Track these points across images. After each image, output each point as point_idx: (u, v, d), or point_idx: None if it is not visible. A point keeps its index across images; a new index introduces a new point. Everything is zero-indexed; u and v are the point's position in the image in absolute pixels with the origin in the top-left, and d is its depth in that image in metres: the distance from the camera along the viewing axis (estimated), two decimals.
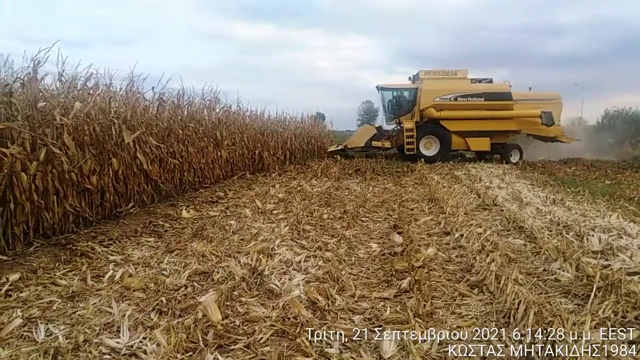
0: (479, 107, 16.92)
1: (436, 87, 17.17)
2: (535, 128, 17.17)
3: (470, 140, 17.36)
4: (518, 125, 17.29)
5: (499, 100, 16.90)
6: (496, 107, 16.86)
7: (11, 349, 2.79)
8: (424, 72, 17.78)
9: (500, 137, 17.62)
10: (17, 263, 4.53)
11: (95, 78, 7.08)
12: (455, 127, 17.18)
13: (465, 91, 17.08)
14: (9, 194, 4.86)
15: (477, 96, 16.99)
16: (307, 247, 5.17)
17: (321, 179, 11.98)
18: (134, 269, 4.33)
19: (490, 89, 17.36)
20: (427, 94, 17.19)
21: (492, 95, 16.99)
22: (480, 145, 17.53)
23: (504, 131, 17.43)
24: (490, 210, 7.37)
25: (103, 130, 6.56)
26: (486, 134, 17.27)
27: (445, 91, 17.05)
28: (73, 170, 5.74)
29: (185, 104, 9.93)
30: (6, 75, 5.78)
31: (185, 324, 3.05)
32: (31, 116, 5.38)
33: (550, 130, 17.26)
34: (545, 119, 16.65)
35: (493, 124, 17.03)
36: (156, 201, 7.99)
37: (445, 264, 4.66)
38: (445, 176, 12.63)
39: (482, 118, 16.85)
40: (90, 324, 3.13)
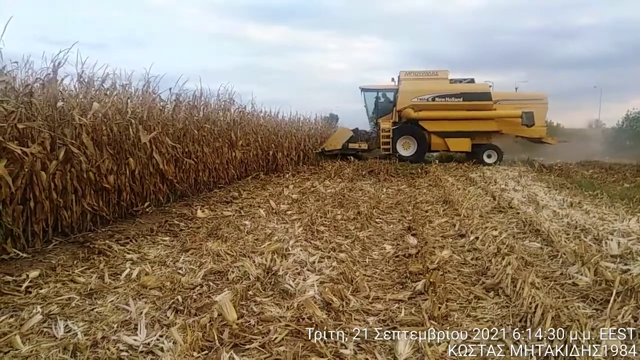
0: (457, 107, 16.75)
1: (414, 88, 17.14)
2: (516, 129, 16.96)
3: (449, 140, 17.18)
4: (499, 126, 17.06)
5: (478, 101, 16.71)
6: (475, 107, 16.66)
7: (32, 344, 2.84)
8: (405, 73, 17.72)
9: (482, 138, 17.40)
10: (37, 260, 4.61)
11: (112, 79, 7.21)
12: (434, 127, 17.09)
13: (443, 91, 16.93)
14: (29, 193, 4.96)
15: (456, 96, 16.82)
16: (321, 247, 5.18)
17: (335, 180, 11.98)
18: (150, 268, 4.38)
19: (468, 89, 17.20)
20: (405, 95, 17.16)
21: (471, 96, 16.81)
22: (459, 146, 17.35)
23: (485, 132, 17.26)
24: (506, 213, 7.30)
25: (120, 131, 6.66)
26: (466, 135, 17.10)
27: (423, 92, 16.96)
28: (91, 169, 5.83)
29: (201, 104, 10.03)
30: (27, 76, 5.90)
31: (201, 322, 3.07)
32: (51, 116, 5.48)
33: (534, 131, 16.99)
34: (526, 120, 16.44)
35: (472, 124, 16.86)
36: (172, 201, 8.08)
37: (460, 267, 4.63)
38: (459, 178, 12.54)
39: (461, 118, 16.73)
40: (108, 321, 3.17)
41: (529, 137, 17.44)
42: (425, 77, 17.50)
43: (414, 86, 17.16)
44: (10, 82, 5.26)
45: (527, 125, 16.50)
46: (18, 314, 3.28)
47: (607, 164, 17.52)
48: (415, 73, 17.68)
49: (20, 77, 5.71)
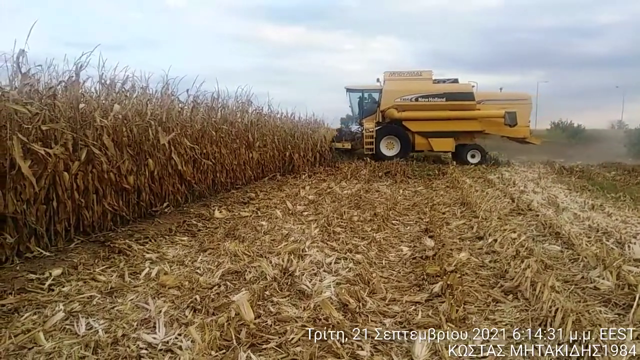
0: (440, 107, 16.70)
1: (397, 88, 17.17)
2: (499, 129, 16.93)
3: (433, 140, 17.16)
4: (482, 126, 17.02)
5: (461, 101, 16.68)
6: (458, 107, 16.60)
7: (55, 340, 2.91)
8: (389, 74, 17.75)
9: (466, 138, 17.45)
10: (59, 259, 4.71)
11: (132, 81, 7.33)
12: (417, 127, 17.08)
13: (425, 92, 16.93)
14: (52, 193, 5.07)
15: (438, 96, 16.79)
16: (338, 249, 5.18)
17: (351, 181, 11.97)
18: (169, 267, 4.44)
19: (451, 89, 17.17)
20: (388, 95, 17.17)
21: (453, 96, 16.75)
22: (443, 146, 17.38)
23: (469, 132, 17.26)
24: (525, 215, 7.20)
25: (140, 132, 6.76)
26: (449, 135, 17.05)
27: (406, 92, 16.96)
28: (112, 170, 5.94)
29: (218, 106, 10.13)
30: (50, 78, 6.03)
31: (218, 322, 3.11)
32: (73, 118, 5.59)
33: (518, 131, 16.93)
34: (509, 120, 16.38)
35: (455, 124, 16.81)
36: (190, 201, 8.17)
37: (478, 269, 4.58)
38: (477, 180, 12.41)
39: (444, 118, 16.72)
40: (128, 319, 3.23)
41: (513, 137, 17.46)
42: (409, 78, 17.60)
43: (398, 86, 17.25)
44: (35, 85, 5.39)
45: (510, 125, 16.48)
46: (41, 311, 3.36)
47: (630, 165, 17.14)
48: (399, 73, 17.77)
49: (43, 80, 5.84)
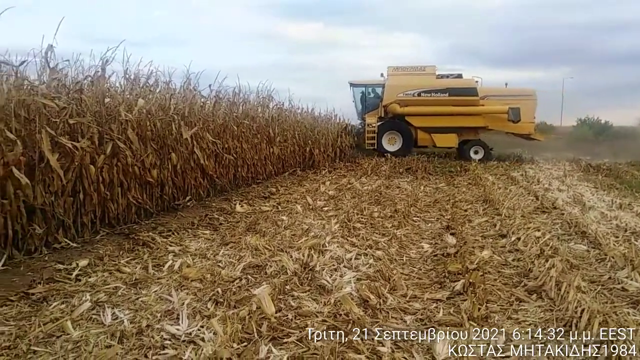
0: (443, 102, 16.47)
1: (400, 83, 16.98)
2: (503, 124, 16.59)
3: (435, 136, 16.99)
4: (485, 122, 16.72)
5: (464, 96, 16.44)
6: (461, 102, 16.39)
7: (82, 329, 2.98)
8: (392, 69, 17.54)
9: (470, 134, 17.21)
10: (86, 250, 4.83)
11: (155, 76, 7.43)
12: (420, 122, 16.90)
13: (428, 87, 16.69)
14: (78, 185, 5.19)
15: (441, 92, 16.56)
16: (358, 244, 5.17)
17: (371, 177, 11.92)
18: (191, 260, 4.50)
19: (454, 84, 16.91)
20: (391, 90, 17.01)
21: (457, 91, 16.53)
22: (446, 142, 17.11)
23: (472, 127, 16.97)
24: (550, 214, 7.06)
25: (163, 126, 6.86)
26: (452, 130, 16.83)
27: (409, 87, 16.78)
28: (136, 164, 6.04)
29: (240, 101, 10.19)
30: (76, 73, 6.16)
31: (240, 314, 3.14)
32: (99, 112, 5.70)
33: (523, 128, 16.58)
34: (512, 115, 16.03)
35: (458, 119, 16.55)
36: (211, 195, 8.26)
37: (501, 268, 4.52)
38: (500, 177, 12.21)
39: (447, 114, 16.46)
40: (152, 310, 3.29)
41: (517, 134, 17.15)
42: (412, 73, 17.42)
43: (400, 81, 17.09)
44: (62, 80, 5.51)
45: (513, 121, 16.17)
46: (69, 301, 3.44)
47: None
48: (403, 68, 17.58)
49: (70, 75, 5.97)
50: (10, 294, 3.55)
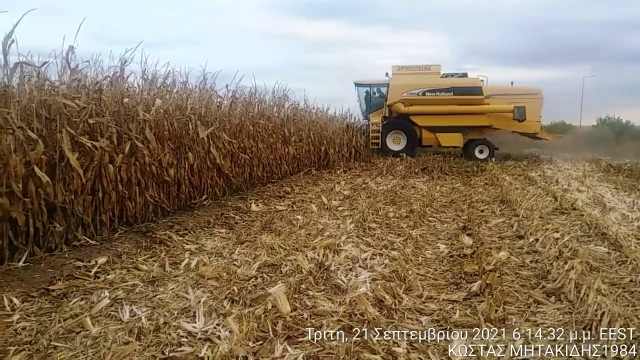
0: (447, 101, 16.42)
1: (404, 82, 16.96)
2: (508, 124, 16.40)
3: (440, 135, 16.93)
4: (490, 121, 16.55)
5: (468, 95, 16.36)
6: (465, 101, 16.33)
7: (101, 326, 3.03)
8: (397, 68, 17.52)
9: (475, 133, 17.10)
10: (104, 248, 4.91)
11: (172, 76, 7.51)
12: (424, 122, 16.85)
13: (433, 86, 16.65)
14: (98, 184, 5.28)
15: (446, 91, 16.53)
16: (373, 244, 5.16)
17: (386, 177, 11.87)
18: (207, 258, 4.54)
19: (459, 83, 16.82)
20: (395, 89, 16.99)
21: (461, 90, 16.47)
22: (451, 141, 17.05)
23: (477, 126, 16.81)
24: (569, 215, 6.94)
25: (180, 126, 6.93)
26: (457, 129, 16.75)
27: (413, 86, 16.76)
28: (153, 163, 6.12)
29: (255, 101, 10.24)
30: (96, 73, 6.26)
31: (255, 313, 3.16)
32: (117, 112, 5.78)
33: (529, 127, 16.42)
34: (518, 114, 15.87)
35: (463, 119, 16.46)
36: (227, 194, 8.32)
37: (518, 269, 4.46)
38: (518, 177, 12.05)
39: (452, 113, 16.37)
40: (169, 307, 3.33)
41: (524, 133, 16.97)
42: (417, 72, 17.39)
43: (405, 80, 17.08)
44: (82, 80, 5.61)
45: (519, 120, 16.02)
46: (88, 297, 3.50)
47: None
48: (408, 67, 17.55)
49: (90, 75, 6.07)
50: (31, 290, 3.63)
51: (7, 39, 4.50)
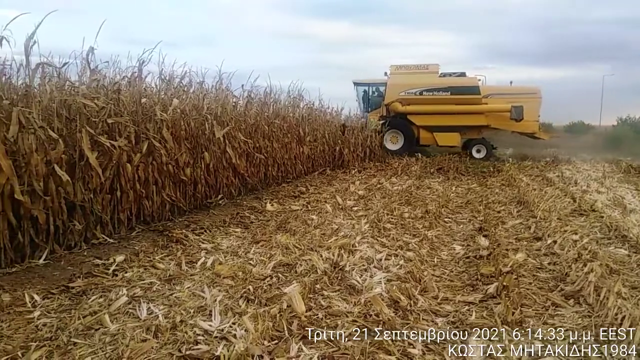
0: (444, 101, 16.43)
1: (401, 82, 17.02)
2: (505, 123, 16.38)
3: (437, 135, 16.95)
4: (488, 120, 16.52)
5: (466, 94, 16.30)
6: (462, 101, 16.29)
7: (119, 323, 3.08)
8: (395, 67, 17.56)
9: (473, 132, 17.10)
10: (122, 246, 4.98)
11: (189, 76, 7.59)
12: (422, 121, 16.91)
13: (430, 85, 16.71)
14: (116, 183, 5.36)
15: (443, 90, 16.54)
16: (388, 245, 5.14)
17: (401, 177, 11.80)
18: (223, 257, 4.58)
19: (456, 82, 16.75)
20: (393, 89, 17.07)
21: (458, 89, 16.46)
22: (448, 141, 17.06)
23: (475, 126, 16.77)
24: (588, 216, 6.82)
25: (196, 126, 7.00)
26: (454, 129, 16.79)
27: (411, 85, 16.82)
28: (170, 162, 6.19)
29: (270, 101, 10.29)
30: (114, 74, 6.36)
31: (271, 312, 3.17)
32: (135, 112, 5.86)
33: (526, 126, 16.36)
34: (515, 114, 15.80)
35: (460, 118, 16.45)
36: (242, 194, 8.37)
37: (536, 271, 4.40)
38: (535, 178, 11.88)
39: (449, 112, 16.34)
40: (185, 306, 3.36)
41: (522, 132, 16.88)
42: (414, 71, 17.42)
43: (402, 80, 17.12)
44: (101, 80, 5.70)
45: (516, 119, 15.97)
46: (106, 295, 3.56)
47: None
48: (406, 67, 17.62)
49: (109, 76, 6.16)
50: (51, 287, 3.70)
51: (29, 40, 4.60)
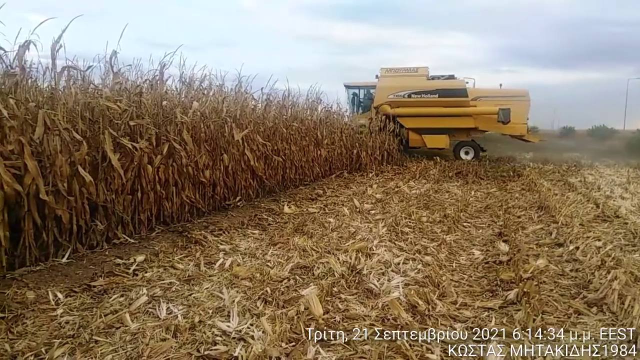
0: (432, 103, 16.51)
1: (390, 84, 17.15)
2: (493, 126, 16.46)
3: (426, 137, 17.11)
4: (476, 123, 16.58)
5: (454, 97, 16.39)
6: (450, 103, 16.38)
7: (139, 322, 3.13)
8: (385, 70, 17.64)
9: (461, 135, 17.35)
10: (142, 246, 5.05)
11: (209, 79, 7.67)
12: (411, 124, 17.07)
13: (418, 88, 16.79)
14: (137, 184, 5.44)
15: (431, 93, 16.62)
16: (406, 249, 5.11)
17: (419, 181, 11.72)
18: (241, 259, 4.61)
19: (444, 85, 16.81)
20: (381, 91, 17.18)
21: (446, 92, 16.50)
22: (437, 143, 17.16)
23: (464, 128, 16.94)
24: (612, 222, 6.67)
25: (216, 128, 7.07)
26: (443, 131, 16.89)
27: (399, 88, 16.91)
28: (190, 164, 6.25)
29: (289, 104, 10.33)
30: (136, 77, 6.47)
31: (288, 314, 3.18)
32: (156, 114, 5.95)
33: (514, 129, 16.48)
34: (502, 116, 15.74)
35: (448, 120, 16.57)
36: (260, 196, 8.41)
37: (557, 278, 4.32)
38: (556, 183, 11.67)
39: (437, 115, 16.46)
40: (204, 306, 3.40)
41: (511, 135, 16.99)
42: (404, 74, 17.49)
43: (391, 82, 17.24)
44: (123, 83, 5.81)
45: (503, 122, 15.93)
46: (127, 294, 3.62)
47: None
48: (395, 70, 17.69)
49: (131, 79, 6.27)
50: (74, 286, 3.78)
51: (55, 44, 4.71)
